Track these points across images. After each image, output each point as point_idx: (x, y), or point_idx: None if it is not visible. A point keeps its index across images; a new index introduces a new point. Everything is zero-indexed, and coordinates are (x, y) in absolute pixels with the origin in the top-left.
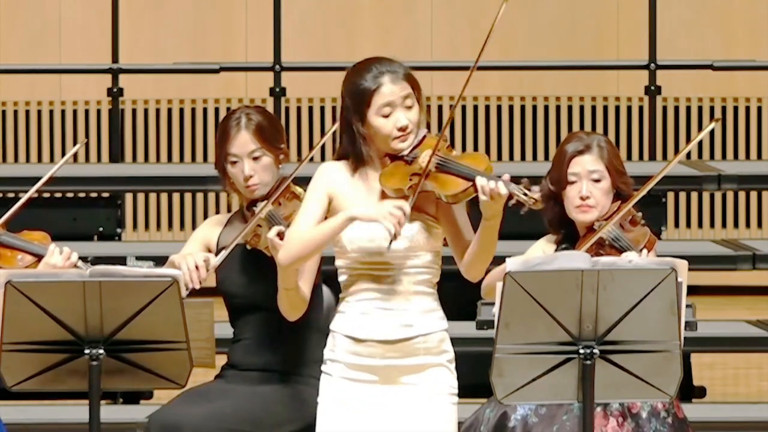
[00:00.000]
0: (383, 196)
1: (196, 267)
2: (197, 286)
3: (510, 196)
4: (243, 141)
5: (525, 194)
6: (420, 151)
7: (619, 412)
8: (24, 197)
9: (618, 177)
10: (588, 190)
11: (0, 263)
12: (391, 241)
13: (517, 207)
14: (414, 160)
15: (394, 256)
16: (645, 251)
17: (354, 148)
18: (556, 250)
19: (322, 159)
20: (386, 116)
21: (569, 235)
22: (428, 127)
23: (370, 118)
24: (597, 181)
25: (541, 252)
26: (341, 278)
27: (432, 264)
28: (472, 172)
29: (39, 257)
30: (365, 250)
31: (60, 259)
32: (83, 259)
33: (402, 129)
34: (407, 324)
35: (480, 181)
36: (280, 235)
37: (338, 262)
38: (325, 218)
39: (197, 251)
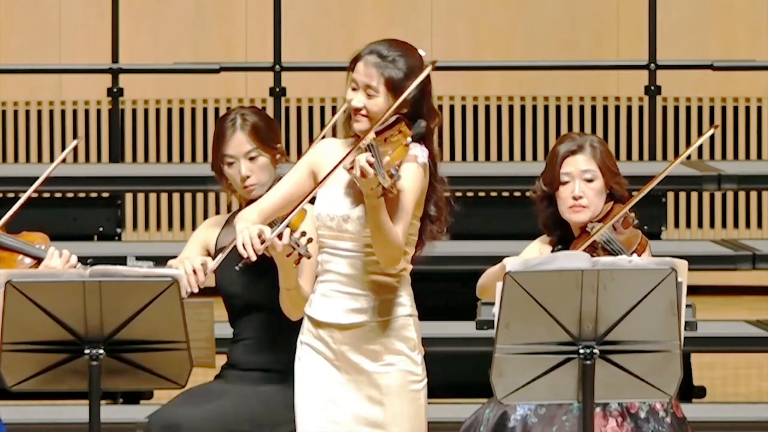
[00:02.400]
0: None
1: (194, 271)
2: (195, 290)
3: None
4: (239, 142)
5: (384, 177)
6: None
7: (618, 412)
8: (23, 196)
9: (611, 177)
10: (581, 190)
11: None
12: (241, 262)
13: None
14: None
15: (351, 236)
16: (635, 255)
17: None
18: (552, 252)
19: None
20: (353, 90)
21: (564, 237)
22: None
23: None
24: (590, 181)
25: (537, 253)
26: (319, 258)
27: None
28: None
29: (39, 260)
30: (326, 227)
31: (60, 262)
32: (83, 261)
33: (355, 111)
34: (359, 309)
35: (357, 157)
36: (279, 237)
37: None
38: (308, 192)
39: (196, 254)
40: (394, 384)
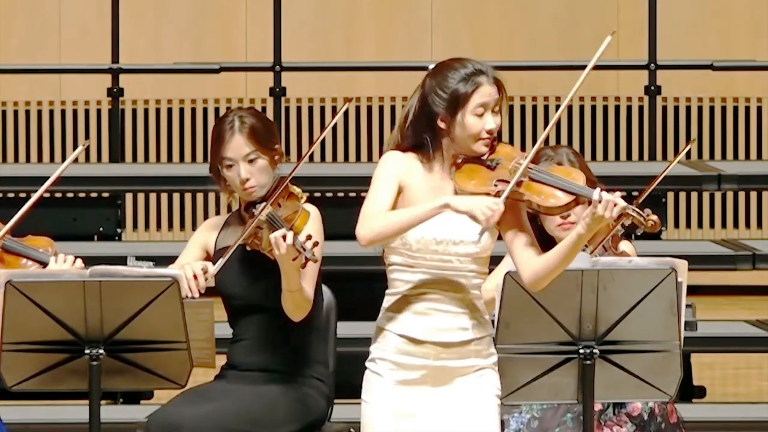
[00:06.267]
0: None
1: (194, 276)
2: (196, 295)
3: (624, 215)
4: (237, 144)
5: (639, 213)
6: (498, 157)
7: (614, 422)
8: (29, 202)
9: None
10: None
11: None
12: (480, 235)
13: (631, 228)
14: (497, 166)
15: (459, 258)
16: None
17: (432, 140)
18: None
19: (322, 159)
20: (478, 116)
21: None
22: None
23: (464, 116)
24: None
25: None
26: (393, 275)
27: (486, 269)
28: (577, 187)
29: (43, 265)
30: (431, 251)
31: (65, 267)
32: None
33: (490, 132)
34: (464, 327)
35: (600, 195)
36: (284, 237)
37: (394, 259)
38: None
39: (195, 257)
40: (483, 399)
